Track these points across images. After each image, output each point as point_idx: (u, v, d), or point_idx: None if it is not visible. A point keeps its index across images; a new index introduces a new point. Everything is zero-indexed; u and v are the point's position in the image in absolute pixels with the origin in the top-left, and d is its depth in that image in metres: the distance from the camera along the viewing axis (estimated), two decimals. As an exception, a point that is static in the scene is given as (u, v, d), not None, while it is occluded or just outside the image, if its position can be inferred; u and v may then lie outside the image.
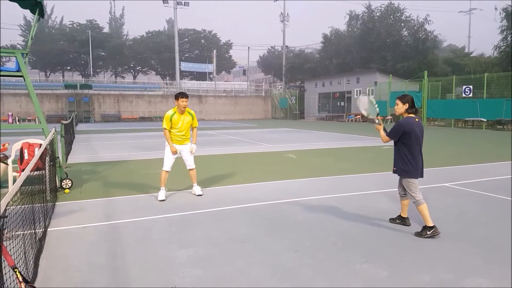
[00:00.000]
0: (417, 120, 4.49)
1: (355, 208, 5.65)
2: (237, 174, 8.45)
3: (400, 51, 36.32)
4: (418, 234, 4.40)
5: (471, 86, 24.44)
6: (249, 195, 6.53)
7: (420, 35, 36.79)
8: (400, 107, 4.51)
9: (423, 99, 27.44)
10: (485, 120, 22.73)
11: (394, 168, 4.60)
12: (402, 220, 4.83)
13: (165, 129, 6.24)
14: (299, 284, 3.30)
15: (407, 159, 4.44)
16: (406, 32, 38.35)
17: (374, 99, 4.86)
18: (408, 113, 4.52)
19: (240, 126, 27.96)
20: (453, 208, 5.68)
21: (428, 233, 4.34)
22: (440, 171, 8.74)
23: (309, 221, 5.05)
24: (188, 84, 48.92)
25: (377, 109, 4.76)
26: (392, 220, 4.90)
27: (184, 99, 6.16)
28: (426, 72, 27.83)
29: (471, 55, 40.63)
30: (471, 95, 24.32)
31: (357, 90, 34.95)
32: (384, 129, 4.67)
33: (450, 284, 3.30)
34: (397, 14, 38.68)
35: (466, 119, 24.23)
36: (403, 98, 4.53)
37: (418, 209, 4.44)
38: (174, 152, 6.24)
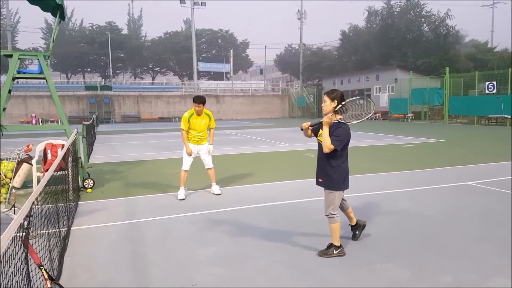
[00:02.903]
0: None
1: (376, 207, 5.57)
2: (255, 173, 8.44)
3: (421, 47, 35.59)
4: (323, 253, 3.81)
5: (494, 82, 23.76)
6: (268, 194, 6.51)
7: (441, 31, 35.96)
8: (328, 105, 3.74)
9: (445, 96, 26.83)
10: (509, 117, 22.05)
11: (320, 180, 3.93)
12: (356, 229, 4.27)
13: (182, 130, 6.31)
14: (320, 284, 3.27)
15: (342, 169, 3.81)
16: (427, 27, 37.53)
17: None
18: (335, 112, 3.73)
19: (258, 126, 27.96)
20: (476, 207, 5.53)
21: (334, 252, 3.79)
22: (463, 169, 8.53)
23: (329, 220, 4.99)
24: (205, 84, 49.24)
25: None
26: (354, 238, 4.27)
27: (196, 104, 6.20)
28: (447, 68, 27.21)
29: (495, 50, 39.46)
30: (494, 91, 23.65)
31: (376, 88, 34.46)
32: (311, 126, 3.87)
33: (473, 285, 3.21)
34: (417, 10, 37.90)
35: (490, 116, 23.56)
36: (332, 93, 3.77)
37: (331, 226, 3.83)
38: (189, 154, 6.29)
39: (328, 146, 3.68)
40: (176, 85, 48.24)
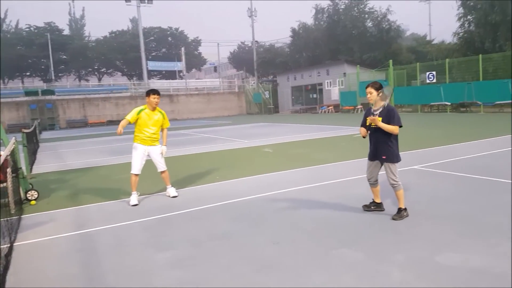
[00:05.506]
0: None
1: (334, 195, 5.68)
2: (213, 172, 8.32)
3: (366, 42, 37.02)
4: (399, 217, 4.46)
5: (434, 72, 25.21)
6: (227, 192, 6.43)
7: (384, 26, 37.62)
8: (374, 95, 4.50)
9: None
10: (449, 103, 23.54)
11: (384, 157, 4.52)
12: (377, 206, 4.82)
13: (127, 119, 5.90)
14: (282, 275, 3.25)
15: (396, 144, 4.53)
16: (371, 23, 39.10)
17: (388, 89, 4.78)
18: (380, 100, 4.54)
19: (215, 124, 27.71)
20: (424, 189, 5.81)
21: (404, 214, 4.49)
22: (409, 154, 8.94)
23: (288, 212, 5.03)
24: (157, 84, 47.87)
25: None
26: (366, 207, 4.85)
27: (155, 96, 6.01)
28: (391, 61, 28.50)
29: (433, 43, 41.91)
30: (434, 80, 25.09)
31: (327, 82, 35.37)
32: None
33: (423, 261, 3.37)
34: (361, 6, 39.37)
35: (432, 103, 25.00)
36: (375, 84, 4.53)
37: (397, 194, 4.53)
38: (120, 130, 5.78)
39: (395, 130, 4.40)
40: (124, 85, 46.41)
